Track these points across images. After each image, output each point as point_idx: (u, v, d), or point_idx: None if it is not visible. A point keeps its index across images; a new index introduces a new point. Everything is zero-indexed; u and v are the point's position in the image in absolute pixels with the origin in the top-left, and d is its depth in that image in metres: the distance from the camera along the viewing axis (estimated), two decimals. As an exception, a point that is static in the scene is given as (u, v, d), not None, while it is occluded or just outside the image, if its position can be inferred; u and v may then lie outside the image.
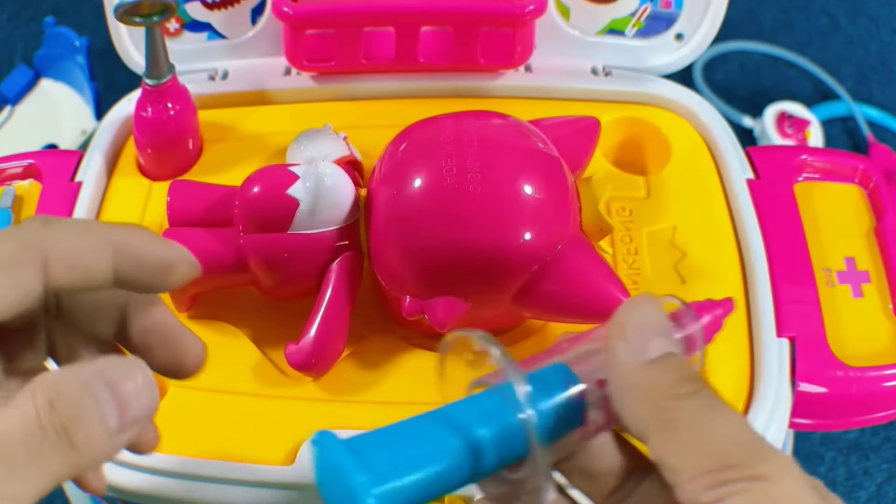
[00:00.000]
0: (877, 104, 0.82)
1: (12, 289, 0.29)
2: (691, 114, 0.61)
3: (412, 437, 0.30)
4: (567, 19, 0.62)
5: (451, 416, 0.31)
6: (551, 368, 0.33)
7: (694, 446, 0.28)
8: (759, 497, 0.26)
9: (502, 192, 0.46)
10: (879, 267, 0.56)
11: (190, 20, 0.61)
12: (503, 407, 0.31)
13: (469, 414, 0.31)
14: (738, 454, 0.27)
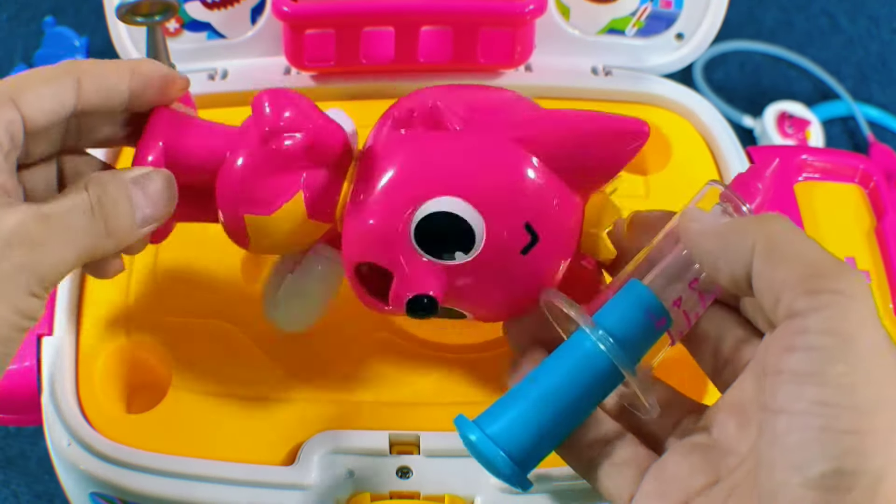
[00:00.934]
0: (877, 104, 0.82)
1: (52, 98, 0.37)
2: (691, 113, 0.61)
3: (527, 410, 0.37)
4: (567, 19, 0.62)
5: (552, 373, 0.37)
6: (625, 290, 0.38)
7: (792, 261, 0.32)
8: (843, 310, 0.30)
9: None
10: (880, 267, 0.56)
11: (189, 20, 0.61)
12: (589, 352, 0.37)
13: (564, 368, 0.37)
14: (827, 266, 0.31)
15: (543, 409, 0.37)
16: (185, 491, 0.46)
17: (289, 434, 0.47)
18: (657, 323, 0.37)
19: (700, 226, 0.36)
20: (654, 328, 0.37)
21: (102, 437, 0.47)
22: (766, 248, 0.33)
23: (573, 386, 0.37)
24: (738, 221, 0.36)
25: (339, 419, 0.48)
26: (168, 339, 0.50)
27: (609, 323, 0.37)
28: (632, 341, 0.37)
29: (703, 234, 0.36)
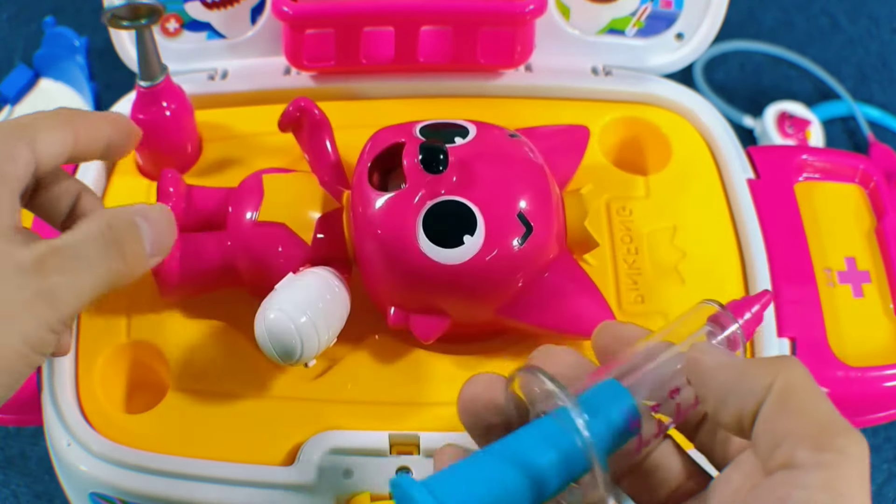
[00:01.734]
0: (877, 104, 0.82)
1: (60, 144, 0.42)
2: (692, 113, 0.60)
3: (482, 474, 0.32)
4: (567, 19, 0.62)
5: (515, 447, 0.33)
6: (602, 386, 0.35)
7: (805, 413, 0.31)
8: (844, 471, 0.31)
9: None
10: (880, 267, 0.56)
11: (189, 20, 0.61)
12: (561, 433, 0.33)
13: (531, 444, 0.33)
14: (835, 425, 0.31)
15: (500, 480, 0.33)
16: (185, 491, 0.46)
17: (288, 434, 0.47)
18: (631, 424, 0.35)
19: (713, 359, 0.35)
20: (627, 429, 0.35)
21: (102, 437, 0.47)
22: (783, 394, 0.32)
23: (537, 464, 0.33)
24: (757, 360, 0.36)
25: (339, 419, 0.48)
26: (168, 340, 0.50)
27: (588, 411, 0.34)
28: (605, 436, 0.34)
29: (719, 367, 0.34)
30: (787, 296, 0.53)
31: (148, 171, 0.57)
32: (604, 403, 0.35)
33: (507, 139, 0.50)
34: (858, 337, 0.53)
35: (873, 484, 0.64)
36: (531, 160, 0.49)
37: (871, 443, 0.65)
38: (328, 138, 0.53)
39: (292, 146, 0.55)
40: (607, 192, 0.56)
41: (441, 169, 0.46)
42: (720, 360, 0.34)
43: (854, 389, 0.51)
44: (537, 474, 0.33)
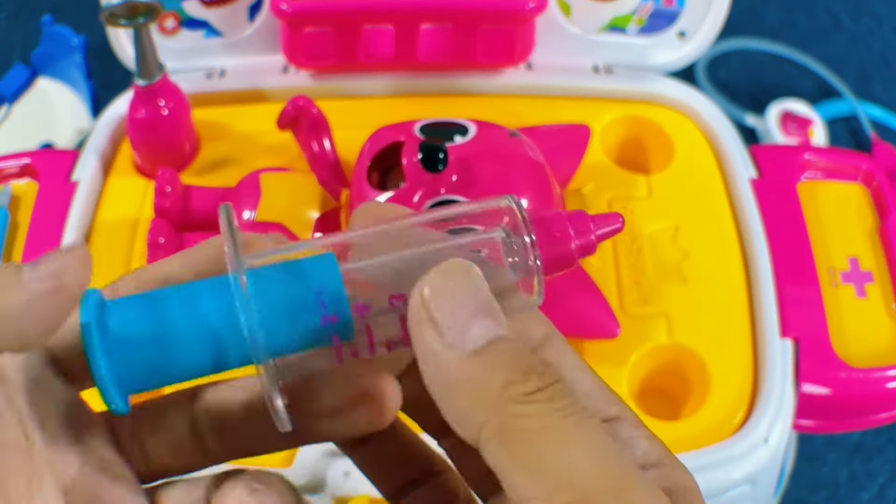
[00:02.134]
0: (880, 103, 0.82)
1: None
2: (694, 112, 0.60)
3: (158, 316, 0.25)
4: (568, 16, 0.61)
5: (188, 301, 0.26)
6: (312, 261, 0.26)
7: (546, 471, 0.21)
8: None
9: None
10: (883, 267, 0.55)
11: (187, 18, 0.60)
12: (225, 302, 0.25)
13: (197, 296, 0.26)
14: (601, 488, 0.21)
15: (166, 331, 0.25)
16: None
17: (286, 436, 0.47)
18: (325, 319, 0.26)
19: (438, 346, 0.23)
20: (318, 325, 0.26)
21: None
22: (501, 441, 0.22)
23: (198, 329, 0.26)
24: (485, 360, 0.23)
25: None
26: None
27: (267, 285, 0.26)
28: (282, 322, 0.25)
29: (438, 360, 0.23)
30: (790, 296, 0.52)
31: (145, 170, 0.57)
32: (299, 280, 0.26)
33: (507, 138, 0.50)
34: (861, 337, 0.53)
35: (875, 485, 0.64)
36: (532, 159, 0.48)
37: (873, 444, 0.65)
38: (326, 137, 0.52)
39: (290, 145, 0.55)
40: (609, 191, 0.56)
41: (441, 168, 0.46)
42: (439, 351, 0.23)
43: (857, 390, 0.51)
44: (210, 334, 0.25)
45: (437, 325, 0.23)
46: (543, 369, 0.22)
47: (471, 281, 0.24)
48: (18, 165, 0.58)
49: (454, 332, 0.23)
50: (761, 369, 0.50)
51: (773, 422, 0.48)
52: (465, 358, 0.22)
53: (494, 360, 0.22)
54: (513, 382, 0.22)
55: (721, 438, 0.48)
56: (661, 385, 0.52)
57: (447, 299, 0.23)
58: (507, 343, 0.23)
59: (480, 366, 0.22)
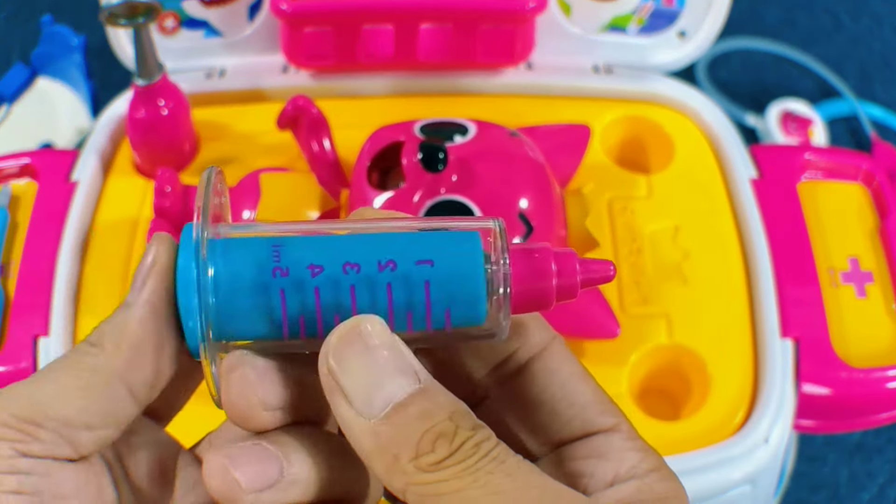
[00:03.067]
0: (880, 102, 0.82)
1: None
2: (694, 112, 0.60)
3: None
4: (568, 16, 0.61)
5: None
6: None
7: None
8: None
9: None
10: (883, 267, 0.55)
11: (186, 17, 0.60)
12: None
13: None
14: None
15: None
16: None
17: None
18: (276, 270, 0.24)
19: (347, 414, 0.23)
20: (272, 303, 0.24)
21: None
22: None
23: None
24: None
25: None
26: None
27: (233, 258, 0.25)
28: (235, 299, 0.24)
29: (349, 429, 0.23)
30: (791, 296, 0.52)
31: (145, 169, 0.56)
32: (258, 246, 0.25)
33: (507, 138, 0.50)
34: (862, 337, 0.53)
35: (875, 485, 0.64)
36: (532, 159, 0.48)
37: (873, 444, 0.65)
38: (326, 137, 0.52)
39: (290, 145, 0.55)
40: (609, 191, 0.56)
41: (441, 168, 0.46)
42: (347, 420, 0.23)
43: (857, 391, 0.51)
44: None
45: (346, 394, 0.23)
46: (455, 429, 0.22)
47: (373, 340, 0.23)
48: (18, 165, 0.57)
49: (361, 400, 0.23)
50: (761, 369, 0.50)
51: (773, 422, 0.48)
52: (373, 428, 0.22)
53: (402, 430, 0.22)
54: (421, 454, 0.22)
55: (721, 438, 0.48)
56: (661, 385, 0.52)
57: (351, 365, 0.23)
58: (416, 405, 0.23)
59: (389, 436, 0.22)
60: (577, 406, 0.25)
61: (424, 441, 0.22)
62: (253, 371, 0.24)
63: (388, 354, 0.23)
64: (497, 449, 0.22)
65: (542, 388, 0.26)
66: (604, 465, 0.24)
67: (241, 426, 0.25)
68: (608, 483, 0.24)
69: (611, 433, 0.25)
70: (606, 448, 0.25)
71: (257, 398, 0.24)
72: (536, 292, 0.24)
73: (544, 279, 0.24)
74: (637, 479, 0.24)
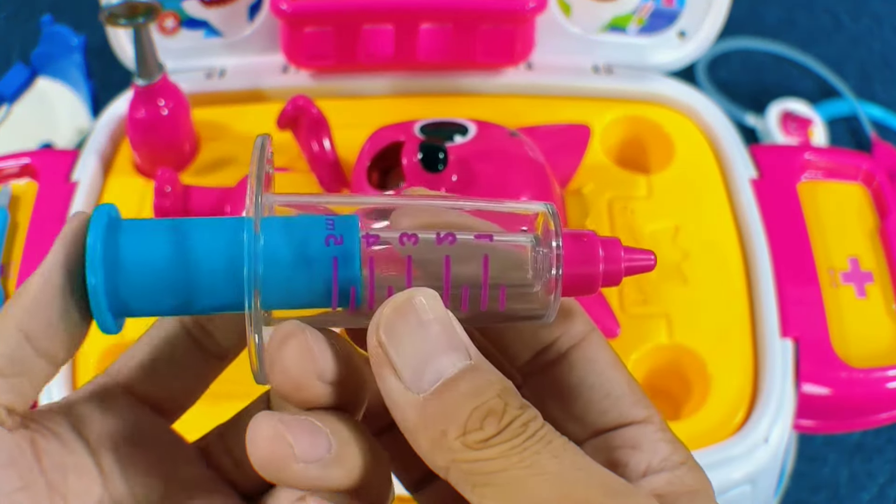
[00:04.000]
0: (880, 102, 0.82)
1: None
2: (695, 112, 0.60)
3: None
4: (568, 16, 0.61)
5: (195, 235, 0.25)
6: (337, 219, 0.25)
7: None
8: None
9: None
10: (883, 267, 0.55)
11: (186, 17, 0.60)
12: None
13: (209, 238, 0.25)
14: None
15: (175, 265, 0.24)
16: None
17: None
18: (330, 238, 0.24)
19: (394, 388, 0.23)
20: (323, 272, 0.24)
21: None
22: (465, 486, 0.22)
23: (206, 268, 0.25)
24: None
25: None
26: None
27: (288, 233, 0.25)
28: (282, 273, 0.24)
29: (396, 404, 0.23)
30: (791, 296, 0.52)
31: (145, 169, 0.56)
32: (314, 232, 0.24)
33: (507, 138, 0.50)
34: (862, 338, 0.53)
35: (875, 485, 0.64)
36: (532, 159, 0.48)
37: (873, 444, 0.65)
38: (326, 137, 0.52)
39: (290, 145, 0.55)
40: (609, 191, 0.56)
41: (441, 168, 0.46)
42: (395, 395, 0.22)
43: (857, 390, 0.51)
44: (213, 267, 0.24)
45: (395, 367, 0.22)
46: (503, 407, 0.22)
47: (427, 314, 0.23)
48: (18, 165, 0.57)
49: (410, 374, 0.22)
50: (761, 369, 0.49)
51: (773, 422, 0.48)
52: (422, 403, 0.22)
53: (450, 405, 0.22)
54: (469, 431, 0.22)
55: (721, 438, 0.48)
56: (661, 385, 0.52)
57: (403, 338, 0.23)
58: (466, 381, 0.22)
59: (436, 411, 0.22)
60: (613, 397, 0.25)
61: (473, 418, 0.22)
62: (314, 339, 0.23)
63: (440, 329, 0.23)
64: (544, 429, 0.22)
65: (579, 378, 0.26)
66: (637, 455, 0.24)
67: (288, 398, 0.24)
68: (641, 473, 0.24)
69: (644, 424, 0.25)
70: (640, 439, 0.25)
71: (315, 368, 0.23)
72: (584, 277, 0.24)
73: (592, 264, 0.24)
74: (668, 472, 0.24)
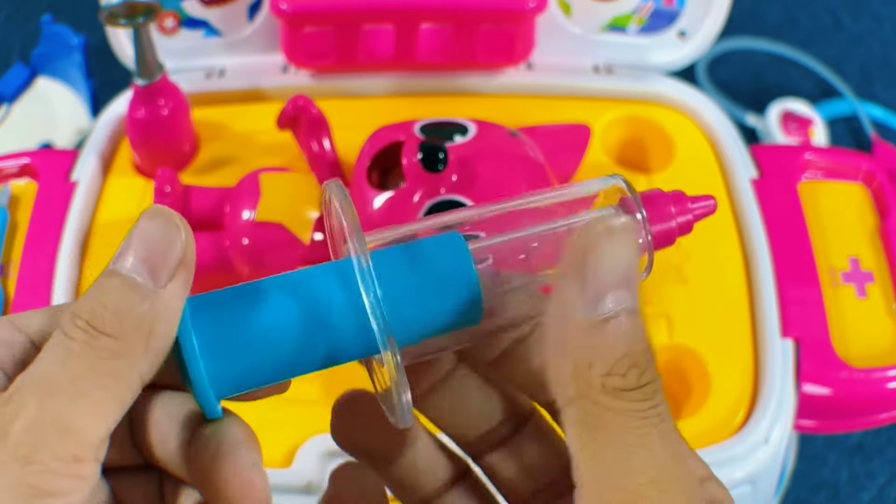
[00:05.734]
0: (880, 102, 0.81)
1: None
2: (695, 112, 0.60)
3: (254, 311, 0.24)
4: (568, 16, 0.61)
5: (299, 285, 0.24)
6: (438, 240, 0.25)
7: (609, 470, 0.22)
8: None
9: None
10: (884, 267, 0.55)
11: (186, 17, 0.60)
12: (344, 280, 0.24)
13: (313, 283, 0.24)
14: (652, 497, 0.22)
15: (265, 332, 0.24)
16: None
17: (286, 436, 0.47)
18: (468, 298, 0.24)
19: (573, 299, 0.23)
20: (453, 308, 0.24)
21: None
22: (580, 425, 0.23)
23: (308, 327, 0.24)
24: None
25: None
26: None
27: (397, 268, 0.24)
28: (414, 310, 0.24)
29: (563, 315, 0.23)
30: (791, 296, 0.52)
31: (145, 170, 0.56)
32: (440, 263, 0.24)
33: (507, 138, 0.49)
34: (862, 338, 0.53)
35: (875, 485, 0.64)
36: (532, 159, 0.48)
37: (873, 444, 0.65)
38: (326, 137, 0.52)
39: (290, 145, 0.55)
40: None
41: (441, 168, 0.46)
42: (568, 306, 0.23)
43: (857, 391, 0.51)
44: (319, 328, 0.24)
45: (582, 285, 0.23)
46: (646, 365, 0.23)
47: (626, 249, 0.23)
48: (18, 165, 0.57)
49: (592, 296, 0.23)
50: (762, 369, 0.49)
51: (773, 422, 0.48)
52: (589, 327, 0.23)
53: (611, 339, 0.23)
54: (613, 374, 0.22)
55: (721, 438, 0.48)
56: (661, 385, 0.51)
57: (601, 262, 0.23)
58: (630, 321, 0.23)
59: (597, 340, 0.22)
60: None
61: (622, 362, 0.22)
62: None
63: (629, 266, 0.23)
64: (662, 406, 0.23)
65: None
66: None
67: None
68: None
69: None
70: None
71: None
72: (663, 234, 0.27)
73: (667, 220, 0.28)
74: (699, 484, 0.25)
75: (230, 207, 0.50)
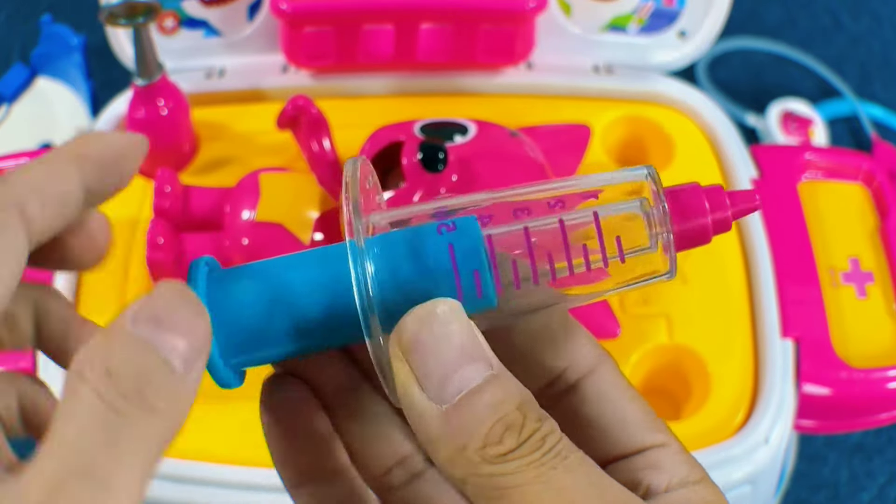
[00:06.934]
0: (880, 102, 0.81)
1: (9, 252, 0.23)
2: (695, 112, 0.60)
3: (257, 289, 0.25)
4: (568, 16, 0.61)
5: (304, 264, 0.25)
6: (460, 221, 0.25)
7: None
8: None
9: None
10: (884, 267, 0.55)
11: (186, 17, 0.60)
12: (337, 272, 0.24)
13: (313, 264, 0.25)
14: None
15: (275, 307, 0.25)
16: (183, 494, 0.45)
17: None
18: (478, 285, 0.24)
19: (416, 397, 0.22)
20: (453, 286, 0.24)
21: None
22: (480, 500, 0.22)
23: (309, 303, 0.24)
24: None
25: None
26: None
27: (392, 251, 0.24)
28: (403, 294, 0.23)
29: (416, 414, 0.22)
30: (791, 296, 0.52)
31: (144, 170, 0.56)
32: (435, 245, 0.24)
33: (507, 138, 0.49)
34: (862, 338, 0.53)
35: (875, 485, 0.64)
36: (532, 159, 0.48)
37: (873, 444, 0.65)
38: (326, 137, 0.52)
39: (290, 145, 0.55)
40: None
41: (441, 168, 0.46)
42: (416, 404, 0.22)
43: (857, 391, 0.51)
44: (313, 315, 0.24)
45: (418, 378, 0.22)
46: (523, 419, 0.22)
47: (450, 325, 0.23)
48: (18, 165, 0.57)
49: (433, 385, 0.22)
50: (762, 369, 0.49)
51: (773, 422, 0.48)
52: (443, 415, 0.22)
53: (472, 417, 0.22)
54: (489, 444, 0.22)
55: (721, 439, 0.48)
56: (661, 385, 0.51)
57: (426, 348, 0.22)
58: (489, 392, 0.22)
59: (457, 424, 0.22)
60: (630, 426, 0.25)
61: (494, 431, 0.22)
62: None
63: (464, 339, 0.22)
64: (560, 444, 0.22)
65: (592, 409, 0.26)
66: (658, 475, 0.25)
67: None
68: (663, 491, 0.24)
69: (662, 448, 0.25)
70: (660, 461, 0.25)
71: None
72: (696, 230, 0.26)
73: (700, 216, 0.26)
74: (686, 488, 0.24)
75: (230, 207, 0.50)
